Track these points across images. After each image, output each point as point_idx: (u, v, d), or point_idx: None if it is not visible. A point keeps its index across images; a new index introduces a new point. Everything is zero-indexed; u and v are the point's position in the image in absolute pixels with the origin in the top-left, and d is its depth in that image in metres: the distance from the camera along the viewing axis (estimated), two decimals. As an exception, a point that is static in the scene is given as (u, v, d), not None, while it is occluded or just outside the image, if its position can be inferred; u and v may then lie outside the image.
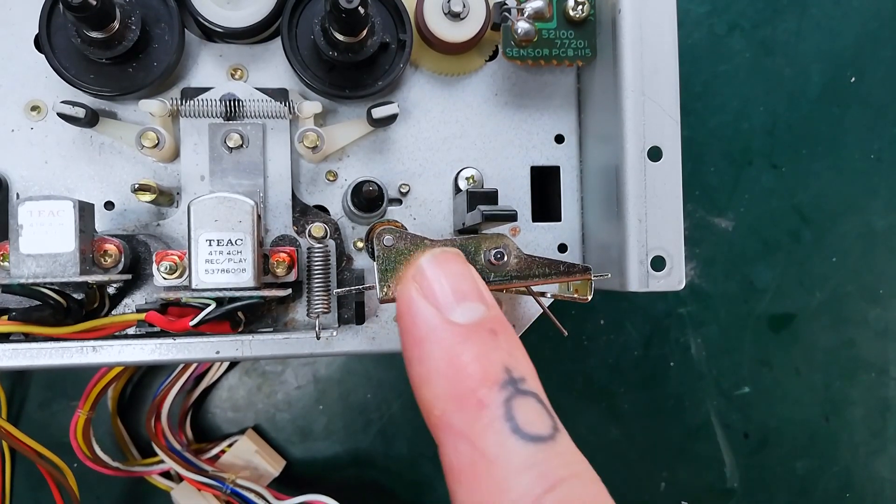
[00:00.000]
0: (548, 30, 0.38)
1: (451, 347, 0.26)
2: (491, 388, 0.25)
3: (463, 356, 0.26)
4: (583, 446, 0.25)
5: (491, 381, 0.25)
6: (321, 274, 0.35)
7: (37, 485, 0.53)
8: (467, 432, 0.24)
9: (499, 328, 0.27)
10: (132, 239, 0.36)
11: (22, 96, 0.38)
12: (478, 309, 0.27)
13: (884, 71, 0.62)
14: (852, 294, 0.61)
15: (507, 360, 0.26)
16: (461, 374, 0.25)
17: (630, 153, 0.36)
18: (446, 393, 0.25)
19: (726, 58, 0.61)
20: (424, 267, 0.28)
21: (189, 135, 0.37)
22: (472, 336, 0.26)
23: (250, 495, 0.49)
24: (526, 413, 0.24)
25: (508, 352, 0.26)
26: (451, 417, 0.25)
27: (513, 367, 0.26)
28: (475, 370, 0.25)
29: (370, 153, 0.40)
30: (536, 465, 0.23)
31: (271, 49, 0.39)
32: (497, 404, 0.24)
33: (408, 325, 0.27)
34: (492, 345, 0.26)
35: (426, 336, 0.26)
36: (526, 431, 0.24)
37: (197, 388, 0.54)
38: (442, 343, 0.26)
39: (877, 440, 0.61)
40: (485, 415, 0.24)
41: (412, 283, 0.28)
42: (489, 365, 0.25)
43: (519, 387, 0.25)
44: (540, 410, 0.25)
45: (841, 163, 0.61)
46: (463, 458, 0.24)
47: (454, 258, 0.29)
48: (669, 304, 0.60)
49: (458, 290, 0.28)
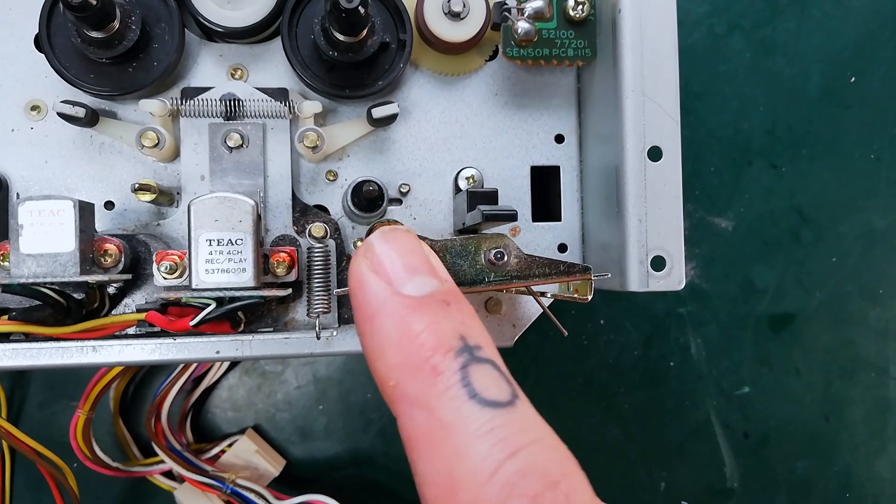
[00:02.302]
0: (548, 30, 0.38)
1: (402, 318, 0.25)
2: (446, 354, 0.24)
3: (415, 325, 0.25)
4: (583, 446, 0.25)
5: (445, 349, 0.24)
6: (321, 274, 0.35)
7: (37, 485, 0.53)
8: (423, 400, 0.24)
9: (452, 299, 0.26)
10: (132, 239, 0.36)
11: (22, 96, 0.38)
12: (430, 282, 0.27)
13: (884, 71, 0.62)
14: (852, 294, 0.61)
15: (461, 328, 0.25)
16: (414, 344, 0.25)
17: (630, 153, 0.36)
18: (400, 363, 0.25)
19: (726, 58, 0.61)
20: (374, 243, 0.28)
21: (189, 134, 0.37)
22: (423, 307, 0.26)
23: (250, 495, 0.49)
24: (483, 379, 0.24)
25: (461, 321, 0.26)
26: (406, 386, 0.24)
27: (468, 335, 0.25)
28: (428, 339, 0.25)
29: (370, 153, 0.40)
30: (495, 430, 0.22)
31: (271, 49, 0.39)
32: (452, 371, 0.24)
33: (359, 301, 0.27)
34: (444, 314, 0.26)
35: (377, 309, 0.26)
36: (484, 397, 0.23)
37: (197, 389, 0.54)
38: (393, 315, 0.26)
39: (877, 440, 0.61)
40: (440, 381, 0.24)
41: (363, 259, 0.28)
42: (443, 333, 0.25)
43: (475, 354, 0.25)
44: (498, 377, 0.24)
45: (841, 163, 0.61)
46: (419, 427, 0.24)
47: (404, 234, 0.29)
48: (669, 304, 0.60)
49: (409, 264, 0.27)
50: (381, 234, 0.28)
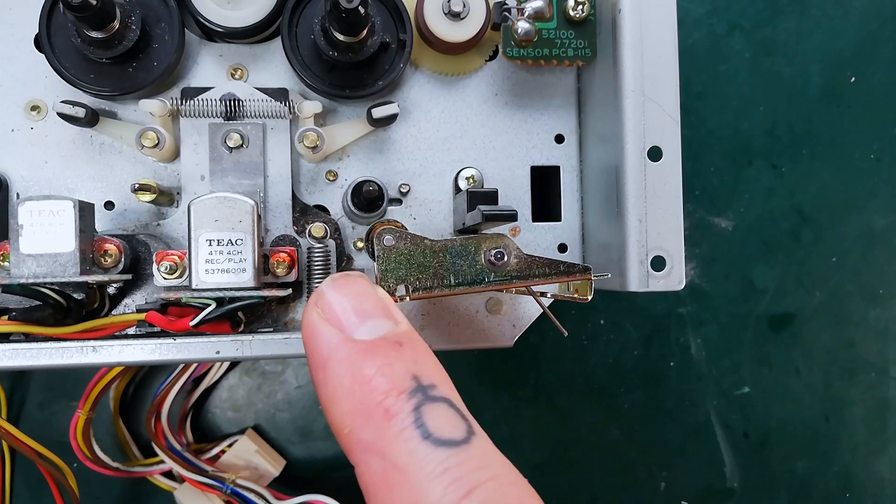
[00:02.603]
0: (548, 30, 0.38)
1: (353, 363, 0.25)
2: (398, 397, 0.24)
3: (366, 370, 0.25)
4: (583, 446, 0.25)
5: (398, 391, 0.24)
6: (321, 274, 0.35)
7: (37, 485, 0.53)
8: (377, 445, 0.23)
9: (404, 339, 0.26)
10: (132, 239, 0.36)
11: (22, 96, 0.38)
12: (383, 325, 0.27)
13: (884, 71, 0.62)
14: (852, 294, 0.61)
15: (413, 368, 0.25)
16: (366, 388, 0.24)
17: (630, 153, 0.36)
18: (353, 409, 0.24)
19: (726, 58, 0.61)
20: (324, 291, 0.28)
21: (189, 134, 0.37)
22: (375, 349, 0.25)
23: (250, 495, 0.49)
24: (437, 418, 0.23)
25: (414, 360, 0.25)
26: (360, 433, 0.24)
27: (421, 374, 0.25)
28: (380, 382, 0.24)
29: (370, 153, 0.40)
30: (449, 470, 0.22)
31: (271, 49, 0.39)
32: (405, 413, 0.24)
33: (311, 350, 0.26)
34: (396, 355, 0.25)
35: (328, 356, 0.26)
36: (437, 437, 0.23)
37: (197, 389, 0.54)
38: (344, 360, 0.25)
39: (877, 440, 0.61)
40: (393, 424, 0.23)
41: (313, 308, 0.27)
42: (395, 375, 0.25)
43: (429, 393, 0.24)
44: (452, 414, 0.24)
45: (841, 163, 0.61)
46: (375, 473, 0.23)
47: (356, 279, 0.28)
48: (669, 304, 0.60)
49: (361, 309, 0.27)
50: (331, 281, 0.28)
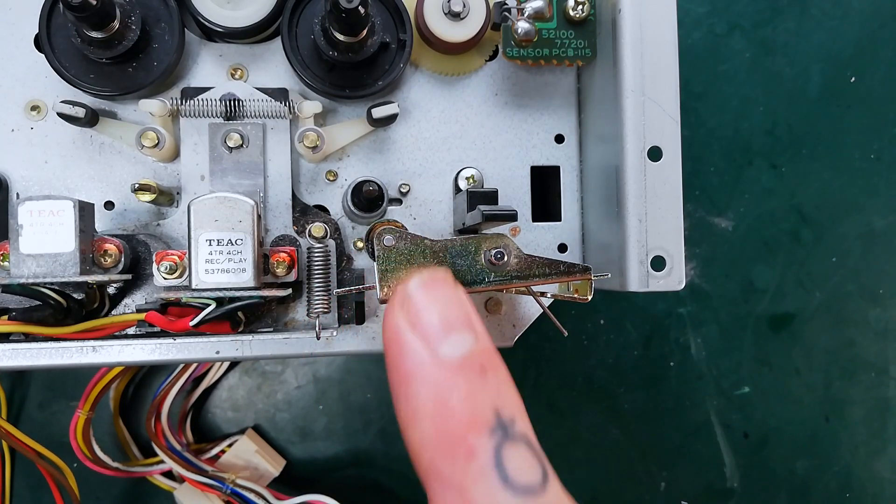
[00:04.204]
0: (548, 30, 0.38)
1: (438, 386, 0.25)
2: (480, 433, 0.24)
3: (451, 398, 0.24)
4: (583, 446, 0.25)
5: (480, 426, 0.24)
6: (321, 274, 0.35)
7: (37, 485, 0.53)
8: (457, 482, 0.23)
9: (487, 363, 0.26)
10: (132, 239, 0.36)
11: (22, 96, 0.38)
12: (467, 340, 0.26)
13: (884, 71, 0.62)
14: (852, 294, 0.61)
15: (496, 401, 0.25)
16: (449, 418, 0.24)
17: (630, 153, 0.36)
18: (434, 438, 0.24)
19: (726, 58, 0.61)
20: (412, 294, 0.27)
21: (189, 134, 0.37)
22: (460, 374, 0.25)
23: (250, 495, 0.49)
24: (516, 460, 0.24)
25: (497, 391, 0.25)
26: (441, 465, 0.24)
27: (502, 407, 0.25)
28: (463, 413, 0.24)
29: (370, 153, 0.40)
30: None
31: (271, 49, 0.39)
32: (487, 453, 0.24)
33: (395, 358, 0.26)
34: (480, 385, 0.25)
35: (413, 372, 0.25)
36: (517, 482, 0.23)
37: (197, 389, 0.54)
38: (429, 381, 0.25)
39: (877, 440, 0.61)
40: (474, 465, 0.23)
41: (399, 311, 0.26)
42: (478, 407, 0.24)
43: (509, 431, 0.24)
44: (530, 457, 0.24)
45: (841, 163, 0.61)
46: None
47: (443, 282, 0.28)
48: (669, 304, 0.60)
49: (447, 318, 0.26)
50: (420, 282, 0.27)
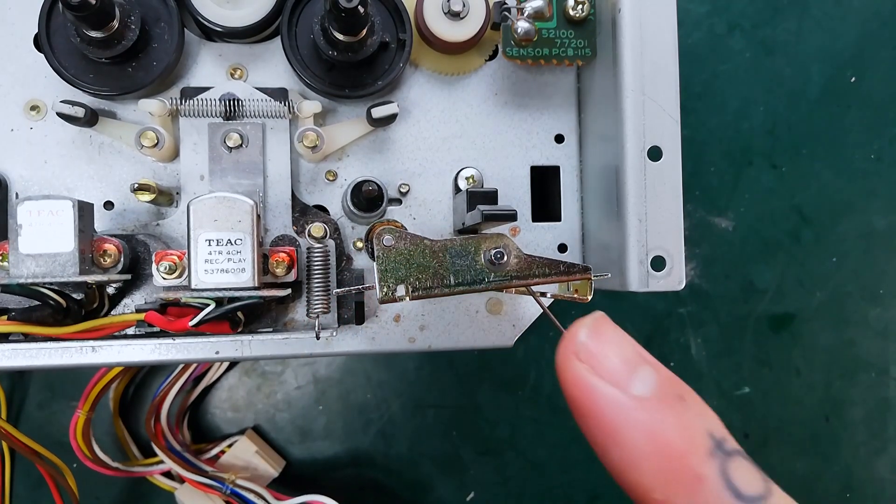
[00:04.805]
0: (548, 29, 0.38)
1: (649, 427, 0.25)
2: (703, 459, 0.24)
3: (665, 432, 0.25)
4: (583, 446, 0.25)
5: (701, 452, 0.24)
6: (321, 274, 0.35)
7: (37, 485, 0.53)
8: None
9: (680, 389, 0.26)
10: (131, 239, 0.36)
11: (21, 96, 0.38)
12: (651, 374, 0.26)
13: (884, 71, 0.62)
14: (852, 294, 0.61)
15: (705, 423, 0.25)
16: (670, 452, 0.24)
17: (630, 153, 0.36)
18: (659, 475, 0.24)
19: (726, 58, 0.61)
20: (585, 342, 0.27)
21: (188, 134, 0.37)
22: (665, 408, 0.25)
23: (250, 495, 0.49)
24: (741, 475, 0.24)
25: (701, 413, 0.26)
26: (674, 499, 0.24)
27: (712, 428, 0.25)
28: (681, 444, 0.24)
29: (370, 153, 0.40)
30: None
31: (271, 48, 0.39)
32: (715, 475, 0.24)
33: (591, 410, 0.25)
34: (685, 411, 0.25)
35: (618, 419, 0.25)
36: (748, 495, 0.24)
37: (196, 388, 0.54)
38: (638, 423, 0.25)
39: (877, 440, 0.61)
40: (706, 489, 0.24)
41: (576, 362, 0.26)
42: (693, 434, 0.25)
43: (725, 448, 0.25)
44: (750, 468, 0.25)
45: (841, 163, 0.61)
46: None
47: (609, 324, 0.28)
48: (669, 304, 0.60)
49: (626, 358, 0.26)
50: (587, 329, 0.27)
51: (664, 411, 0.25)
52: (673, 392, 0.26)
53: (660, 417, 0.25)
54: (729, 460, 0.25)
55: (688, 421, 0.25)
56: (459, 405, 0.58)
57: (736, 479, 0.24)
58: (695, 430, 0.25)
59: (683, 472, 0.24)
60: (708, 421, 0.26)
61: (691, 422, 0.25)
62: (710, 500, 0.24)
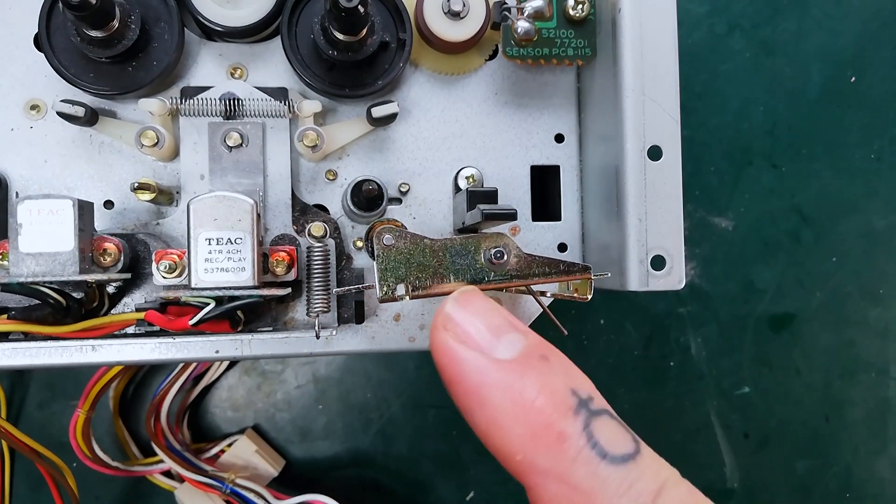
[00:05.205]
0: (548, 29, 0.38)
1: (510, 387, 0.25)
2: (566, 417, 0.24)
3: (526, 393, 0.24)
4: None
5: (564, 410, 0.24)
6: (321, 273, 0.35)
7: (37, 485, 0.53)
8: (555, 470, 0.23)
9: (546, 351, 0.26)
10: (131, 238, 0.36)
11: (21, 95, 0.38)
12: (518, 339, 0.26)
13: (884, 71, 0.62)
14: (852, 294, 0.61)
15: (569, 382, 0.25)
16: (531, 412, 0.24)
17: (630, 153, 0.36)
18: (522, 434, 0.24)
19: (726, 58, 0.61)
20: (450, 313, 0.27)
21: (189, 134, 0.37)
22: (526, 368, 0.25)
23: (250, 495, 0.49)
24: (606, 433, 0.24)
25: (566, 373, 0.25)
26: (535, 458, 0.24)
27: (577, 387, 0.25)
28: (544, 403, 0.24)
29: (370, 152, 0.40)
30: (633, 485, 0.23)
31: (271, 48, 0.39)
32: (577, 433, 0.24)
33: (454, 376, 0.26)
34: (549, 371, 0.25)
35: (480, 383, 0.25)
36: (614, 454, 0.23)
37: (196, 388, 0.54)
38: (499, 385, 0.25)
39: (877, 440, 0.61)
40: (569, 448, 0.23)
41: (444, 332, 0.27)
42: (555, 393, 0.24)
43: (591, 407, 0.24)
44: (617, 427, 0.24)
45: (841, 163, 0.61)
46: (555, 497, 0.23)
47: (476, 296, 0.28)
48: (669, 304, 0.60)
49: (492, 325, 0.27)
50: (453, 301, 0.28)
51: (526, 372, 0.25)
52: (537, 353, 0.26)
53: (521, 378, 0.25)
54: (595, 418, 0.24)
55: (550, 379, 0.25)
56: (459, 405, 0.58)
57: (601, 437, 0.24)
58: (556, 387, 0.25)
59: (545, 430, 0.24)
60: (573, 379, 0.25)
61: (553, 380, 0.25)
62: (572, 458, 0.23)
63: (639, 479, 0.23)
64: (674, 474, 0.24)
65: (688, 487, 0.24)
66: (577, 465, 0.23)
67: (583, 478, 0.23)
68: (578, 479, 0.23)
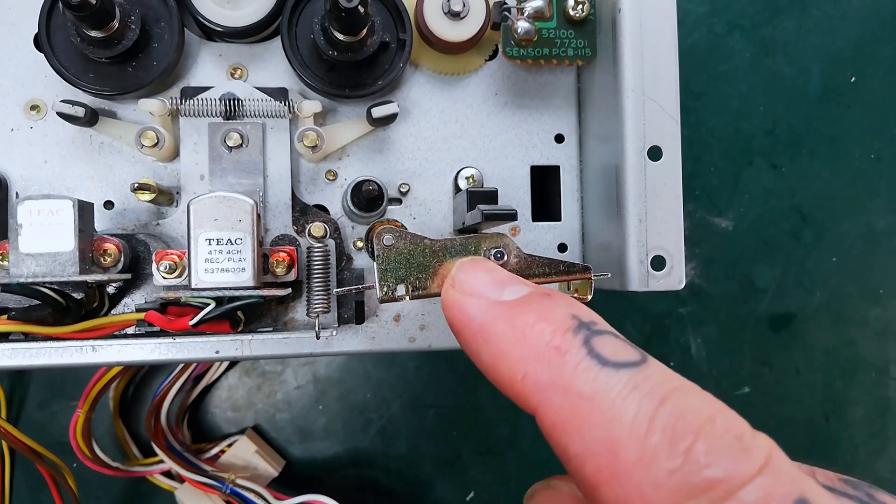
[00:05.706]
0: (548, 29, 0.38)
1: (512, 317, 0.25)
2: (565, 334, 0.24)
3: (528, 321, 0.25)
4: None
5: (563, 329, 0.24)
6: (321, 273, 0.35)
7: (37, 485, 0.53)
8: (556, 382, 0.23)
9: (551, 292, 0.27)
10: (132, 238, 0.36)
11: (21, 96, 0.38)
12: (522, 288, 0.27)
13: (884, 71, 0.62)
14: (852, 294, 0.61)
15: (571, 309, 0.25)
16: (531, 335, 0.24)
17: (630, 153, 0.36)
18: (522, 356, 0.24)
19: (726, 58, 0.61)
20: (456, 274, 0.29)
21: (189, 134, 0.37)
22: (528, 303, 0.26)
23: (250, 495, 0.49)
24: (609, 346, 0.24)
25: (568, 303, 0.26)
26: (536, 375, 0.24)
27: (579, 313, 0.25)
28: (543, 327, 0.24)
29: (370, 152, 0.40)
30: (638, 386, 0.22)
31: (271, 48, 0.39)
32: (577, 346, 0.24)
33: (462, 323, 0.27)
34: (550, 302, 0.26)
35: (484, 320, 0.26)
36: (615, 361, 0.23)
37: (196, 388, 0.54)
38: (501, 318, 0.25)
39: (877, 440, 0.61)
40: (569, 359, 0.23)
41: (451, 289, 0.28)
42: (556, 317, 0.25)
43: (593, 328, 0.24)
44: (622, 343, 0.24)
45: (841, 163, 0.61)
46: (561, 409, 0.23)
47: (481, 259, 0.30)
48: (669, 304, 0.60)
49: (497, 279, 0.28)
50: (459, 265, 0.29)
51: (529, 305, 0.26)
52: (540, 293, 0.26)
53: (524, 309, 0.25)
54: (596, 336, 0.24)
55: (550, 307, 0.25)
56: (459, 405, 0.58)
57: (602, 349, 0.23)
58: (558, 314, 0.25)
59: (545, 348, 0.24)
60: (576, 308, 0.25)
61: (554, 307, 0.25)
62: (574, 368, 0.23)
63: (644, 380, 0.22)
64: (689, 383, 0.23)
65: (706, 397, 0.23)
66: (578, 373, 0.23)
67: (585, 384, 0.23)
68: (581, 385, 0.23)
